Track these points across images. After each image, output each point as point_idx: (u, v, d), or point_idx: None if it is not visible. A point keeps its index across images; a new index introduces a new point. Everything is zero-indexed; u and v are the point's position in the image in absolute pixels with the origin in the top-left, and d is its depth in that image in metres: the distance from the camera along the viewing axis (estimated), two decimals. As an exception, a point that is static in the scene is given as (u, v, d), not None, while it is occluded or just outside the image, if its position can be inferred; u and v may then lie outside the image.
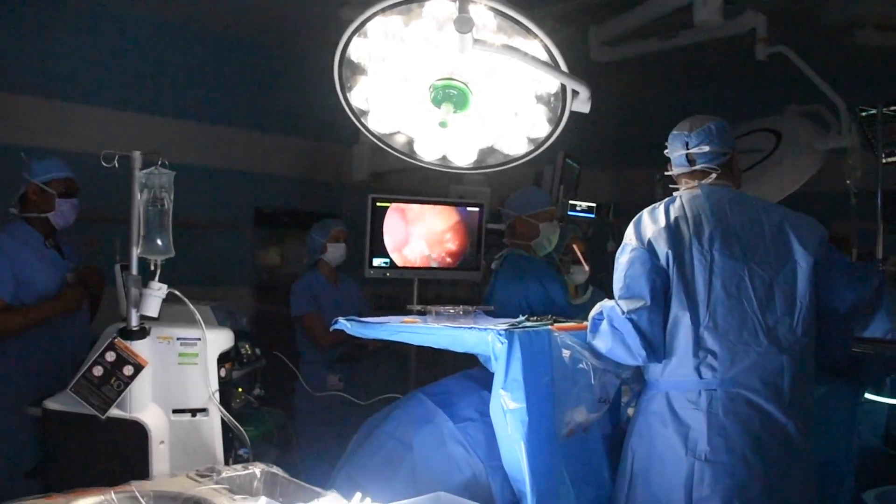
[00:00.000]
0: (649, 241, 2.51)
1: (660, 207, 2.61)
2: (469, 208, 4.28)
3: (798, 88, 4.77)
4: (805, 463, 2.50)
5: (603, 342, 2.52)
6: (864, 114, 4.69)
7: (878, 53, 5.31)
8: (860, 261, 4.67)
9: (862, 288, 2.69)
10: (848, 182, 4.39)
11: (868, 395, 3.48)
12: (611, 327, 2.49)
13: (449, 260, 4.21)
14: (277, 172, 5.81)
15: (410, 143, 2.52)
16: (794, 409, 2.44)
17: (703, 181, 2.64)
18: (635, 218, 2.62)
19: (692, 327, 2.45)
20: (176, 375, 2.51)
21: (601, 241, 5.63)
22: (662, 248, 2.49)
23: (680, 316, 2.46)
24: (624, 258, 2.55)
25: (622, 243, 2.60)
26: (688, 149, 2.66)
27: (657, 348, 2.47)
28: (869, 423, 3.65)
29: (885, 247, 4.60)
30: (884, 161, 4.66)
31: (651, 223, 2.56)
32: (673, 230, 2.51)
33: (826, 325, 2.59)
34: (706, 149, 2.63)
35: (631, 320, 2.44)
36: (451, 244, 4.21)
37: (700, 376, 2.44)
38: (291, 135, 5.80)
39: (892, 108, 4.64)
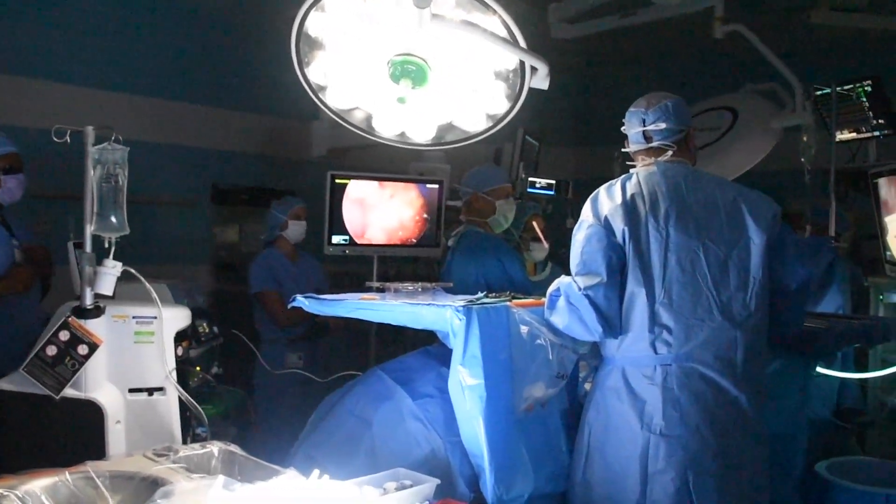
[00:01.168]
0: (606, 218, 2.53)
1: (616, 184, 2.62)
2: (429, 185, 4.28)
3: (754, 67, 4.82)
4: (757, 435, 2.55)
5: (560, 318, 2.54)
6: (818, 93, 4.76)
7: (832, 33, 5.38)
8: (814, 237, 4.76)
9: (813, 264, 2.74)
10: (802, 160, 4.45)
11: (819, 369, 3.56)
12: (567, 304, 2.50)
13: (408, 237, 4.20)
14: (235, 149, 5.74)
15: (369, 119, 2.51)
16: (746, 383, 2.49)
17: (659, 158, 2.66)
18: (592, 195, 2.64)
19: (648, 303, 2.47)
20: (132, 354, 2.48)
21: (561, 217, 5.66)
22: (619, 225, 2.51)
23: (636, 292, 2.49)
24: (580, 235, 2.57)
25: (579, 220, 2.61)
26: (644, 126, 2.67)
27: (613, 324, 2.50)
28: (820, 397, 3.73)
29: (837, 224, 4.69)
30: (837, 139, 4.74)
31: (608, 200, 2.57)
32: (629, 207, 2.53)
33: (778, 300, 2.63)
34: (662, 126, 2.64)
35: (587, 296, 2.46)
36: (411, 221, 4.20)
37: (655, 352, 2.47)
38: (249, 111, 5.73)
39: (846, 87, 4.71)
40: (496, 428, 2.39)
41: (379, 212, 4.13)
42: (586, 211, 2.60)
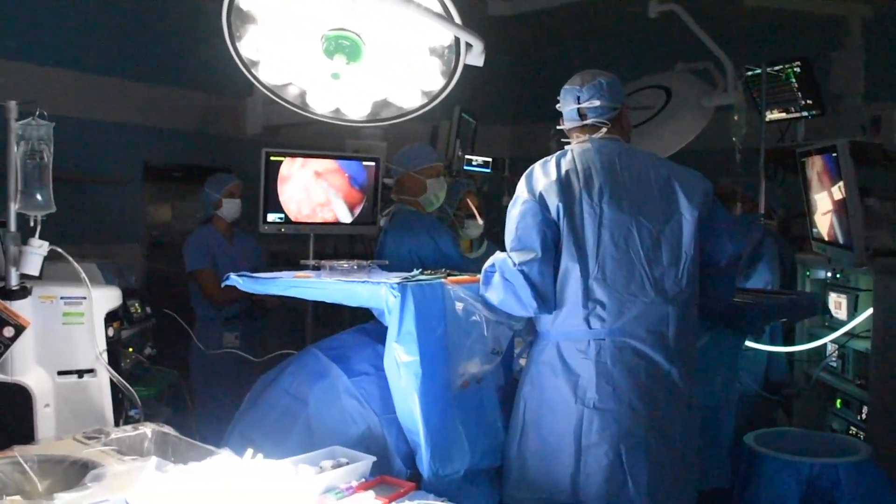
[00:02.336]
0: (540, 194, 2.54)
1: (551, 161, 2.63)
2: (365, 163, 4.25)
3: (687, 46, 4.88)
4: (687, 408, 2.60)
5: (495, 294, 2.55)
6: (749, 73, 4.85)
7: (764, 15, 5.48)
8: (744, 215, 4.87)
9: (742, 241, 2.81)
10: (733, 139, 4.54)
11: (748, 344, 3.65)
12: (502, 279, 2.52)
13: (344, 215, 4.18)
14: (168, 126, 5.61)
15: (303, 95, 2.49)
16: (678, 357, 2.53)
17: (593, 135, 2.68)
18: (527, 171, 2.65)
19: (582, 279, 2.50)
20: (61, 336, 2.43)
21: (497, 195, 5.68)
22: (553, 201, 2.52)
23: (570, 268, 2.51)
24: (515, 211, 2.58)
25: (514, 196, 2.62)
26: (579, 103, 2.68)
27: (548, 300, 2.52)
28: (749, 370, 3.83)
29: (772, 201, 4.80)
30: (766, 119, 4.85)
31: (542, 176, 2.59)
32: (563, 183, 2.55)
33: (708, 276, 2.68)
34: (597, 103, 2.65)
35: (522, 272, 2.47)
36: (347, 199, 4.18)
37: (589, 326, 2.50)
38: (182, 86, 5.60)
39: (776, 68, 4.81)
40: (432, 404, 2.41)
41: (314, 189, 4.09)
42: (521, 187, 2.61)
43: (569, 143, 2.75)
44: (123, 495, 1.70)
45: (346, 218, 4.23)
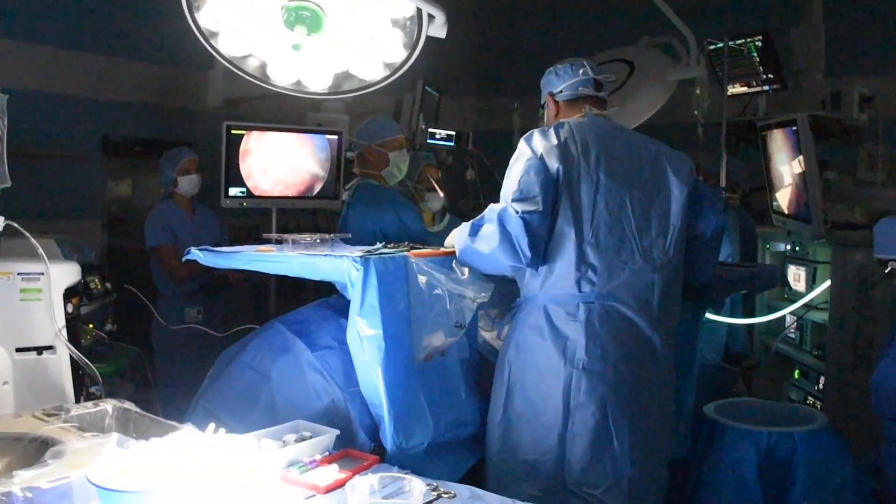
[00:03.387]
0: (541, 155, 2.59)
1: (549, 129, 2.69)
2: (328, 136, 4.21)
3: (651, 21, 4.88)
4: (667, 374, 2.68)
5: (486, 243, 2.54)
6: (711, 47, 4.87)
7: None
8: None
9: (724, 214, 2.91)
10: (695, 113, 4.57)
11: (709, 315, 3.70)
12: (500, 227, 2.52)
13: (307, 189, 4.14)
14: (127, 99, 5.53)
15: (263, 67, 2.45)
16: (660, 324, 2.61)
17: (593, 110, 2.77)
18: (526, 135, 2.69)
19: (576, 242, 2.55)
20: (18, 312, 2.38)
21: (461, 169, 5.68)
22: (553, 164, 2.57)
23: (566, 231, 2.56)
24: (519, 166, 2.60)
25: (516, 154, 2.66)
26: (595, 74, 2.79)
27: (539, 254, 2.56)
28: (710, 342, 3.88)
29: (736, 175, 4.85)
30: (728, 93, 4.88)
31: (543, 140, 2.64)
32: (563, 148, 2.61)
33: (693, 248, 2.78)
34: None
35: (524, 219, 2.49)
36: (310, 172, 4.14)
37: (580, 289, 2.55)
38: (141, 59, 5.51)
39: (738, 42, 4.84)
40: (395, 377, 2.41)
41: (276, 163, 4.05)
42: (523, 147, 2.64)
43: (539, 119, 2.82)
44: (84, 472, 1.68)
45: (311, 192, 4.19)
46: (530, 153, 2.61)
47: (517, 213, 2.51)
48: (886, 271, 3.05)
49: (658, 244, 2.63)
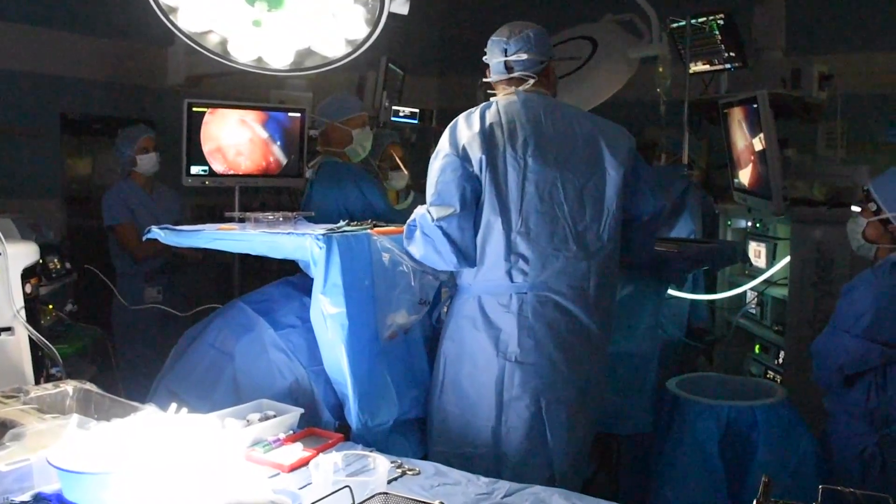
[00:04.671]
0: (463, 147, 2.51)
1: (475, 112, 2.60)
2: (290, 114, 4.17)
3: (614, -3, 4.89)
4: (604, 363, 2.67)
5: (417, 249, 2.54)
6: (673, 25, 4.90)
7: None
8: (668, 166, 4.95)
9: (663, 197, 2.85)
10: (658, 90, 4.59)
11: (671, 291, 3.73)
12: (423, 234, 2.51)
13: (270, 167, 4.10)
14: (86, 76, 5.42)
15: (224, 43, 2.41)
16: (597, 311, 2.57)
17: (519, 88, 2.65)
18: (451, 123, 2.61)
19: (504, 232, 2.49)
20: (-25, 293, 2.36)
21: (425, 147, 5.66)
22: (476, 154, 2.49)
23: (492, 222, 2.50)
24: (437, 164, 2.55)
25: (437, 147, 2.59)
26: (506, 56, 2.64)
27: (468, 255, 2.52)
28: (672, 318, 3.92)
29: (690, 153, 4.89)
30: (690, 71, 4.91)
31: (466, 129, 2.55)
32: (487, 135, 2.52)
33: (630, 230, 2.71)
34: (524, 56, 2.61)
35: (440, 228, 2.46)
36: (272, 150, 4.10)
37: (511, 280, 2.50)
38: (99, 35, 5.41)
39: (700, 20, 4.86)
40: (359, 356, 2.41)
41: (238, 141, 4.01)
42: (444, 141, 2.57)
43: (495, 95, 2.73)
44: (44, 454, 1.67)
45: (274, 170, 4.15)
46: (449, 148, 2.53)
47: (434, 220, 2.47)
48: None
49: (593, 229, 2.55)
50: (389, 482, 1.85)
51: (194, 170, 3.92)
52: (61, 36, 5.20)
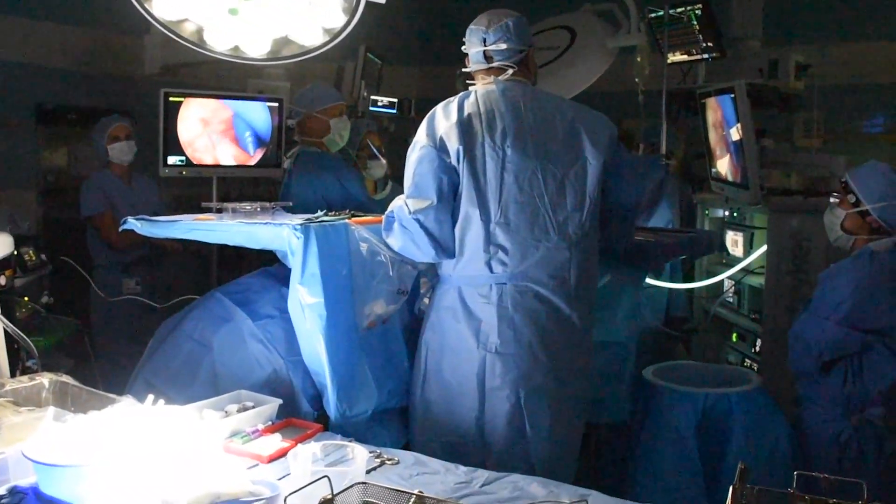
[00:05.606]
0: (440, 138, 2.49)
1: (453, 102, 2.58)
2: (268, 103, 4.15)
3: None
4: (585, 352, 2.66)
5: (395, 241, 2.54)
6: (652, 15, 4.90)
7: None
8: (646, 156, 4.97)
9: (643, 185, 2.85)
10: (636, 80, 4.59)
11: (649, 280, 3.75)
12: (400, 227, 2.50)
13: (248, 157, 4.09)
14: (61, 66, 5.36)
15: (200, 31, 2.41)
16: (578, 301, 2.56)
17: (499, 77, 2.62)
18: (429, 114, 2.59)
19: (483, 223, 2.48)
20: (-52, 285, 2.33)
21: (403, 137, 5.64)
22: (453, 145, 2.47)
23: (470, 213, 2.49)
24: (414, 156, 2.53)
25: (414, 140, 2.57)
26: (485, 45, 2.61)
27: (447, 246, 2.51)
28: (651, 307, 3.94)
29: (668, 143, 4.90)
30: (669, 61, 4.92)
31: (443, 119, 2.53)
32: (465, 126, 2.50)
33: (610, 218, 2.71)
34: (503, 46, 2.59)
35: (418, 220, 2.46)
36: (250, 140, 4.08)
37: (491, 271, 2.50)
38: (73, 23, 5.35)
39: (678, 10, 4.87)
40: (337, 346, 2.41)
41: (215, 131, 3.98)
42: (421, 131, 2.55)
43: (474, 85, 2.71)
44: (20, 447, 1.66)
45: (251, 160, 4.13)
46: (426, 139, 2.51)
47: (411, 212, 2.46)
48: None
49: (574, 218, 2.53)
50: (368, 472, 1.85)
51: (171, 160, 3.90)
52: (36, 25, 5.14)
